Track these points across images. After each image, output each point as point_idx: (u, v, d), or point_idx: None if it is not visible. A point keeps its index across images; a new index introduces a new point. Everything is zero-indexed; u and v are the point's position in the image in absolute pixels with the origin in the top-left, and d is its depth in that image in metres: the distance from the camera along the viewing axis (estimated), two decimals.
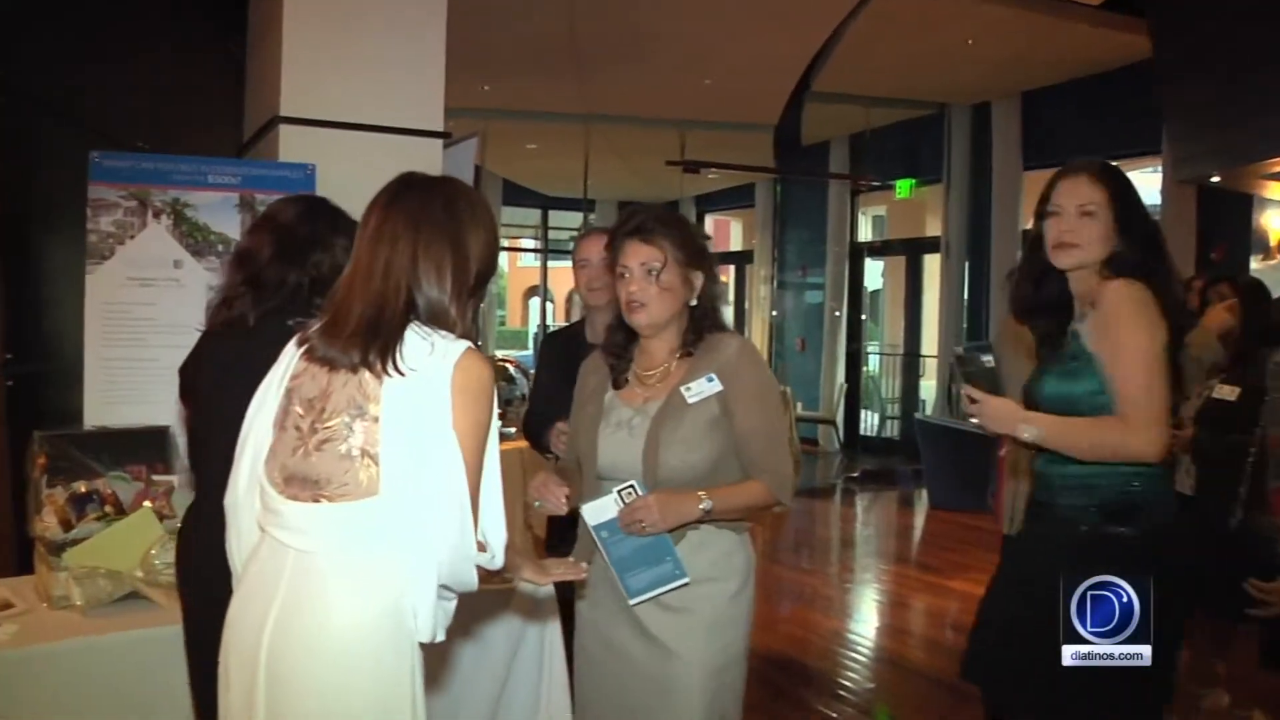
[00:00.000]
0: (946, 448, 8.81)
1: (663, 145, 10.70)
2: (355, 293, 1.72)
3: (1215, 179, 7.31)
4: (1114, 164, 2.30)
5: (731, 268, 15.88)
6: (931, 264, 11.53)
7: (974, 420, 2.19)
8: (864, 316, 12.68)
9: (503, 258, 21.76)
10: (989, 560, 5.86)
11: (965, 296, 10.57)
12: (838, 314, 12.07)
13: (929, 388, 11.66)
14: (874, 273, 13.77)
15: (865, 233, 13.08)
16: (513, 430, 5.65)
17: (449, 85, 4.38)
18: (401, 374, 1.65)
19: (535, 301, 24.99)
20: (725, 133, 10.82)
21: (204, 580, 2.06)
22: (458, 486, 1.63)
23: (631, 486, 2.16)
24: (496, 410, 1.72)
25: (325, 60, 4.11)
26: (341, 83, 4.12)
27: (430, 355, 1.66)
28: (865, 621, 5.87)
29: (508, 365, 8.28)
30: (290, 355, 1.80)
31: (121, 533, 2.59)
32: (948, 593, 6.16)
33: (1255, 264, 7.73)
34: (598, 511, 2.20)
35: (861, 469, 10.96)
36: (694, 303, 2.28)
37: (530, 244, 18.82)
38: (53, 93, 4.35)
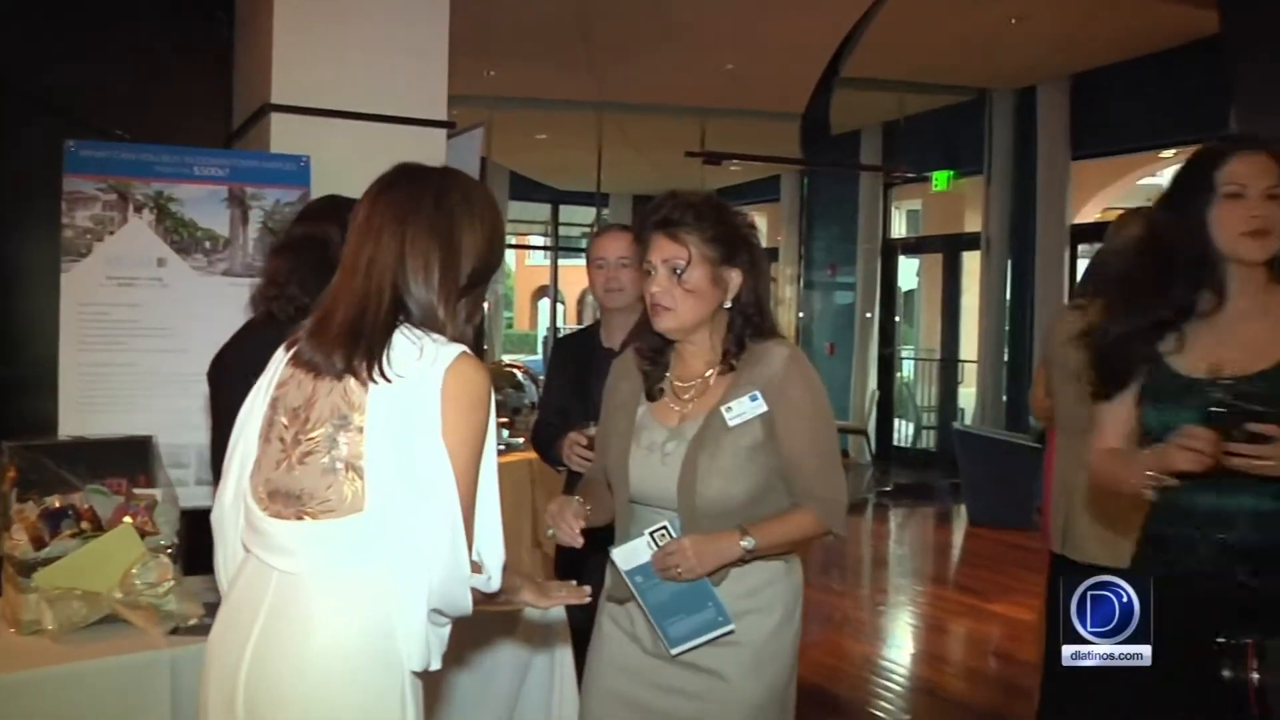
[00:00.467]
0: (987, 460, 8.78)
1: (681, 135, 10.68)
2: (340, 293, 1.71)
3: None
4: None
5: None
6: (971, 262, 11.46)
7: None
8: (897, 319, 12.63)
9: (509, 256, 21.83)
10: (1033, 582, 5.83)
11: (1008, 297, 10.48)
12: (869, 316, 12.02)
13: (968, 395, 11.59)
14: (908, 271, 13.70)
15: (899, 228, 13.01)
16: (520, 441, 5.65)
17: (452, 71, 4.37)
18: (388, 380, 1.63)
19: (545, 303, 25.06)
20: (748, 122, 10.78)
21: None
22: (449, 503, 1.61)
23: (664, 528, 2.10)
24: (494, 420, 1.69)
25: (320, 43, 4.11)
26: (337, 68, 4.12)
27: (418, 361, 1.64)
28: (899, 647, 5.82)
29: (515, 371, 8.28)
30: (278, 360, 1.79)
31: (99, 551, 2.55)
32: (989, 616, 6.10)
33: None
34: (630, 556, 2.15)
35: (895, 482, 10.91)
36: (728, 305, 2.19)
37: (539, 241, 18.86)
38: (23, 76, 4.34)
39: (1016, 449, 8.40)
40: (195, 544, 2.50)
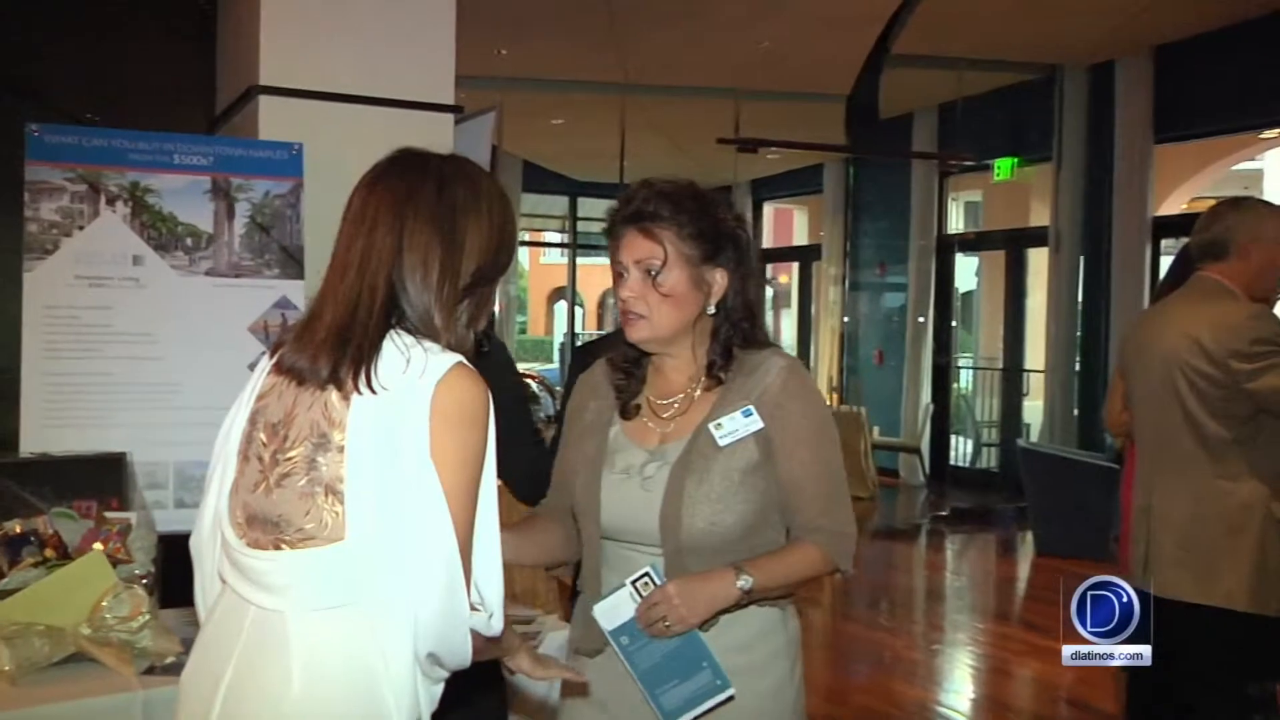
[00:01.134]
0: (1056, 481, 8.71)
1: (713, 120, 10.68)
2: (329, 292, 1.69)
3: None
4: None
5: (795, 265, 15.86)
6: (1037, 260, 11.42)
7: None
8: (954, 323, 12.59)
9: (522, 254, 21.89)
10: None
11: (1079, 299, 10.43)
12: (922, 320, 11.98)
13: (1034, 409, 11.53)
14: (967, 271, 13.68)
15: (956, 223, 12.99)
16: None
17: (460, 49, 4.37)
18: (373, 392, 1.61)
19: (561, 306, 25.12)
20: (788, 104, 10.79)
21: None
22: (442, 533, 1.58)
23: (648, 574, 2.00)
24: (493, 439, 1.66)
25: (313, 18, 4.12)
26: (333, 46, 4.13)
27: (404, 373, 1.62)
28: (958, 692, 5.80)
29: (530, 381, 8.30)
30: (261, 368, 1.78)
31: (65, 581, 2.56)
32: (1059, 658, 6.03)
33: None
34: (612, 612, 2.03)
35: (952, 506, 10.90)
36: (711, 310, 2.11)
37: (555, 238, 18.90)
38: None
39: (1089, 469, 8.33)
40: (174, 573, 2.48)
